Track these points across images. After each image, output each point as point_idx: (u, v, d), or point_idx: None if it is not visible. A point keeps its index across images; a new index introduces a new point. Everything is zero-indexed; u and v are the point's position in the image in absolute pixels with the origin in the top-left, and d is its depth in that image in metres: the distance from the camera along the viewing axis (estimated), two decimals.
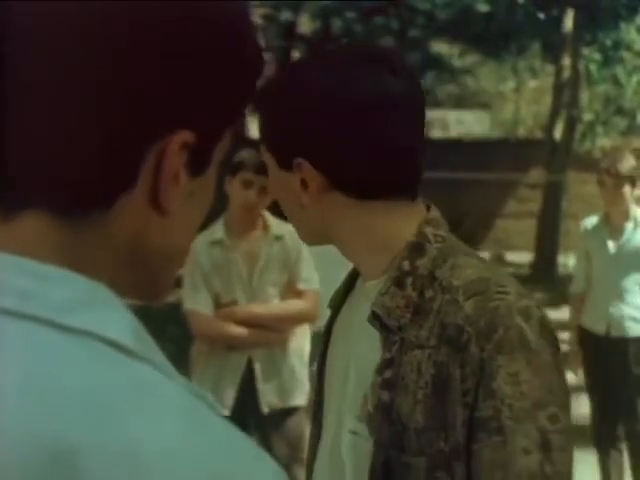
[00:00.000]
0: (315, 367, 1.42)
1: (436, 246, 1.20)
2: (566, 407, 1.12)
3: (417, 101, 1.19)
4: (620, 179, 4.10)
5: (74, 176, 0.60)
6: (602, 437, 4.43)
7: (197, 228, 0.69)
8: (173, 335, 7.63)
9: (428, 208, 1.25)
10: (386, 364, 1.16)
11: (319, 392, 1.38)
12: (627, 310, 4.25)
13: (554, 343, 1.14)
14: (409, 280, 1.18)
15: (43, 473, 0.51)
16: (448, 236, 1.23)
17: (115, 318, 0.59)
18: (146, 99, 0.60)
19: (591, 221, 4.42)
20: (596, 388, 4.42)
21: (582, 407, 6.14)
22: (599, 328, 4.30)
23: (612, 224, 4.30)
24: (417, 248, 1.20)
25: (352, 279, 1.35)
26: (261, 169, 3.08)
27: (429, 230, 1.21)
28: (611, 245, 4.28)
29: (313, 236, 1.27)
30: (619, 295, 4.26)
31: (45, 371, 0.55)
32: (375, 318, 1.18)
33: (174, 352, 3.40)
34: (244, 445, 0.57)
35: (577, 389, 6.45)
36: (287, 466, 3.29)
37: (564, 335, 8.77)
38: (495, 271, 1.19)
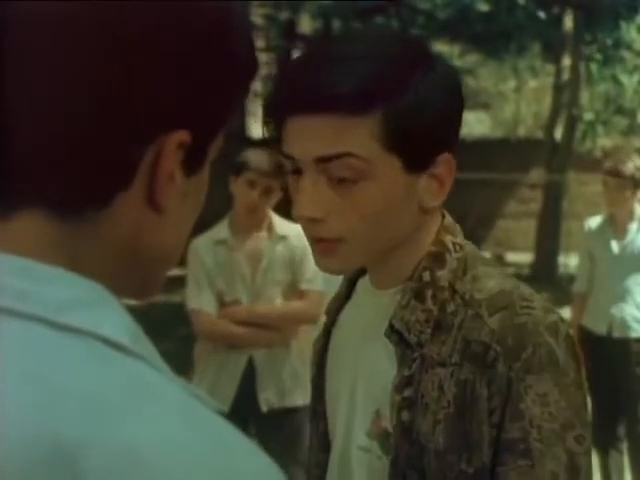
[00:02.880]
0: (311, 370, 1.35)
1: (456, 256, 1.14)
2: (588, 426, 1.08)
3: None
4: (623, 180, 4.10)
5: (71, 175, 0.60)
6: (603, 437, 4.42)
7: (191, 227, 0.69)
8: (178, 334, 7.64)
9: (442, 214, 1.17)
10: (405, 382, 1.10)
11: (318, 402, 1.31)
12: (629, 311, 4.24)
13: (578, 359, 1.10)
14: (429, 293, 1.11)
15: (43, 471, 0.51)
16: (465, 243, 1.17)
17: (111, 317, 0.59)
18: (144, 99, 0.60)
19: (595, 221, 4.42)
20: (597, 388, 4.41)
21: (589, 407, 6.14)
22: (601, 328, 4.30)
23: (616, 225, 4.30)
24: (437, 258, 1.13)
25: (352, 283, 1.28)
26: (265, 170, 3.08)
27: (448, 239, 1.15)
28: (615, 246, 4.28)
29: (387, 251, 1.12)
30: (622, 296, 4.25)
31: (42, 370, 0.55)
32: (393, 332, 1.11)
33: (179, 351, 3.41)
34: (241, 442, 0.57)
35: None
36: (285, 466, 3.29)
37: None
38: (515, 282, 1.13)
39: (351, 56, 1.03)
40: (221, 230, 3.28)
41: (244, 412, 3.25)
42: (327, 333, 1.29)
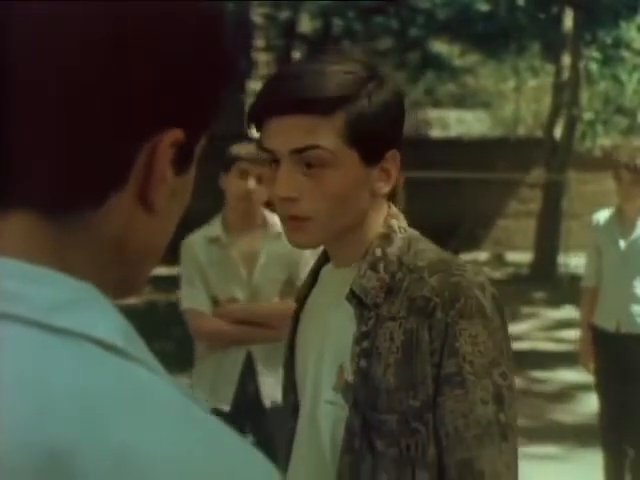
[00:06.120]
0: (284, 352, 1.56)
1: (401, 236, 1.39)
2: (511, 368, 1.32)
3: None
4: (638, 175, 4.10)
5: (66, 176, 0.60)
6: (609, 437, 4.36)
7: (175, 226, 0.70)
8: (176, 334, 7.63)
9: (388, 204, 1.43)
10: (363, 336, 1.34)
11: (289, 378, 1.53)
12: (637, 307, 4.22)
13: (503, 314, 1.34)
14: (381, 265, 1.36)
15: (38, 474, 0.51)
16: (408, 228, 1.42)
17: (103, 318, 0.59)
18: (137, 98, 0.61)
19: (603, 215, 4.40)
20: (606, 386, 4.36)
21: (586, 406, 6.14)
22: (609, 325, 4.27)
23: (624, 220, 4.29)
24: (386, 238, 1.38)
25: (316, 271, 1.52)
26: (255, 158, 3.07)
27: (395, 223, 1.40)
28: (622, 242, 4.27)
29: (340, 234, 1.37)
30: (629, 292, 4.23)
31: (36, 372, 0.54)
32: (353, 297, 1.35)
33: (177, 351, 3.39)
34: (236, 443, 0.57)
35: (584, 387, 6.43)
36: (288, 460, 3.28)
37: (567, 334, 8.73)
38: (452, 255, 1.39)
39: (321, 71, 1.30)
40: (214, 228, 3.25)
41: (245, 410, 3.24)
42: (296, 317, 1.53)
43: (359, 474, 1.33)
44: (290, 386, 1.53)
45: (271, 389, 3.25)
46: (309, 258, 3.30)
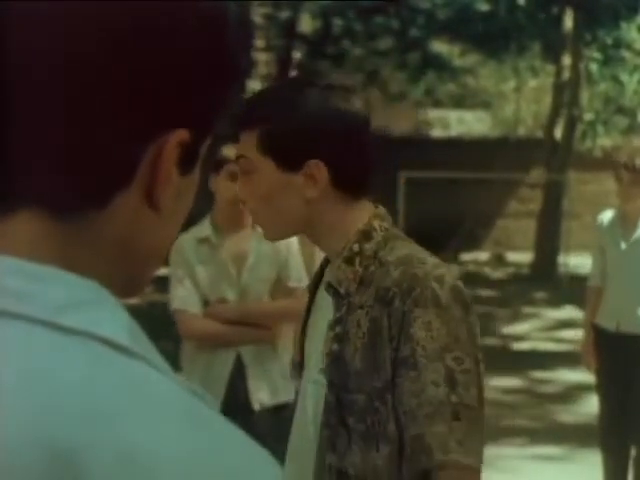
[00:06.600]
0: (296, 344, 1.70)
1: (381, 234, 1.53)
2: (470, 354, 1.42)
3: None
4: (637, 175, 4.11)
5: (69, 176, 0.60)
6: (609, 437, 4.35)
7: (180, 226, 0.70)
8: (175, 335, 7.62)
9: (376, 206, 1.58)
10: (337, 322, 1.50)
11: (299, 366, 1.66)
12: (638, 307, 4.22)
13: (464, 304, 1.44)
14: (357, 259, 1.51)
15: (42, 473, 0.51)
16: (391, 227, 1.56)
17: (110, 317, 0.59)
18: (138, 98, 0.61)
19: (607, 215, 4.42)
20: (607, 387, 4.36)
21: (587, 406, 6.14)
22: (610, 325, 4.28)
23: (626, 221, 4.31)
24: (365, 235, 1.53)
25: (324, 266, 1.65)
26: None
27: (377, 222, 1.54)
28: (623, 243, 4.28)
29: (293, 230, 1.60)
30: (630, 292, 4.23)
31: (42, 371, 0.55)
32: (330, 287, 1.53)
33: (175, 351, 3.39)
34: (243, 442, 0.57)
35: (585, 387, 6.44)
36: (280, 462, 3.25)
37: (567, 334, 8.73)
38: (422, 251, 1.52)
39: (258, 91, 1.61)
40: (203, 228, 3.25)
41: (234, 412, 3.23)
42: (308, 310, 1.67)
43: (335, 447, 1.49)
44: (300, 374, 1.66)
45: (260, 391, 3.24)
46: (298, 258, 3.32)
